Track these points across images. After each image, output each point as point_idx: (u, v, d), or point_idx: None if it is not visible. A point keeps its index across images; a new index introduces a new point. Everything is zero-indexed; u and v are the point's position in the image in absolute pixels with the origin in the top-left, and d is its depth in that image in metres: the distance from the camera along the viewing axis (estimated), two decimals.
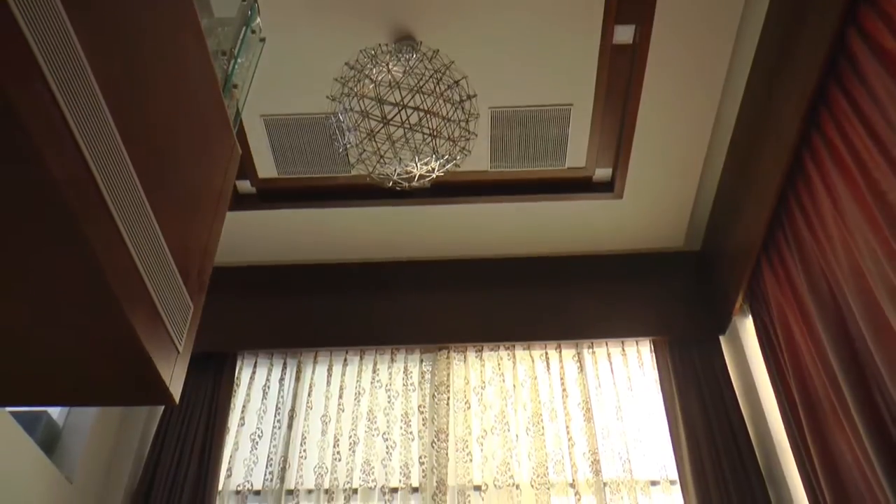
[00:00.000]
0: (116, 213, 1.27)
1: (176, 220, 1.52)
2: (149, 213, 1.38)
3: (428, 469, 3.69)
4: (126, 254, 1.30)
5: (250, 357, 4.13)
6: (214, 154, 1.78)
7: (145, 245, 1.37)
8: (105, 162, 1.23)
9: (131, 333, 1.32)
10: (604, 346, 4.08)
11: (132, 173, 1.33)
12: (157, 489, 3.58)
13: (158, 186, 1.43)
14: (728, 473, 3.50)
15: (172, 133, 1.52)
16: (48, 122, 1.08)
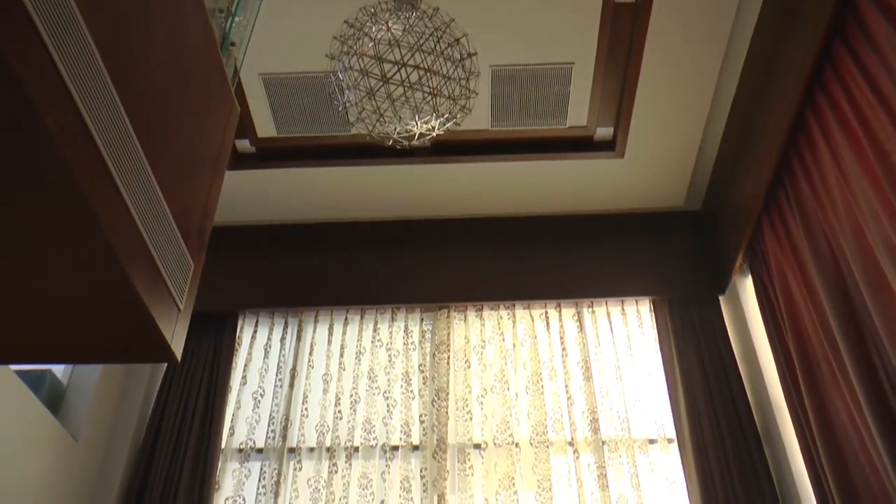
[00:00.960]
0: (115, 172, 1.26)
1: (175, 178, 1.51)
2: (147, 171, 1.38)
3: (428, 427, 3.73)
4: (126, 212, 1.30)
5: (251, 317, 4.15)
6: (213, 112, 1.77)
7: (145, 204, 1.37)
8: (102, 120, 1.23)
9: (132, 292, 1.32)
10: (603, 305, 4.10)
11: (130, 132, 1.32)
12: (161, 447, 3.63)
13: (157, 145, 1.42)
14: (725, 432, 3.54)
15: (170, 91, 1.51)
16: (44, 79, 1.07)
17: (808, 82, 2.90)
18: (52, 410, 3.34)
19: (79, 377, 3.62)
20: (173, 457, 3.60)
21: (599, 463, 3.59)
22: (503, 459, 3.62)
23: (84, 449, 3.49)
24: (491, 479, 3.58)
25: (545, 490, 3.52)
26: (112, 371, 3.77)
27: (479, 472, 3.61)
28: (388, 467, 3.63)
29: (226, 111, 1.86)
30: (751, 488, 3.38)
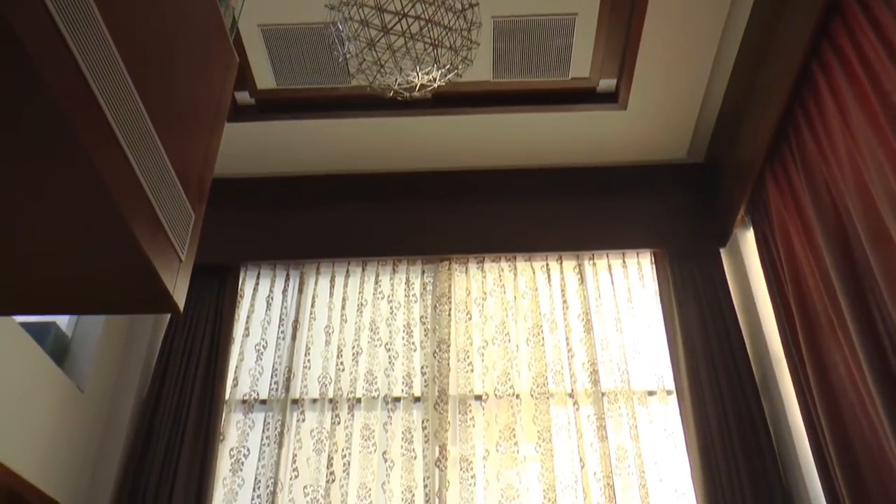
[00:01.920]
0: (114, 123, 1.26)
1: (174, 129, 1.51)
2: (147, 122, 1.37)
3: (429, 379, 3.77)
4: (126, 163, 1.30)
5: (253, 269, 4.16)
6: (211, 63, 1.76)
7: (145, 155, 1.37)
8: (100, 71, 1.22)
9: (134, 242, 1.32)
10: (604, 258, 4.10)
11: (128, 83, 1.31)
12: (166, 398, 3.67)
13: (155, 96, 1.41)
14: (723, 384, 3.57)
15: (168, 42, 1.50)
16: (41, 32, 1.06)
17: (814, 34, 2.86)
18: (58, 362, 3.38)
19: (83, 329, 3.65)
20: (178, 408, 3.64)
21: (599, 414, 3.63)
22: (504, 411, 3.66)
23: (90, 400, 3.54)
24: (492, 431, 3.62)
25: (545, 441, 3.57)
26: (115, 323, 3.79)
27: (480, 424, 3.66)
28: (390, 418, 3.68)
29: (225, 62, 1.85)
30: (748, 440, 3.43)
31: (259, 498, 3.49)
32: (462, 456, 3.56)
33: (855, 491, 2.71)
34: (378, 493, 3.50)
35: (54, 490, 3.22)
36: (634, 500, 3.43)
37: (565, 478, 3.50)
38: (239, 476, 3.58)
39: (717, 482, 3.35)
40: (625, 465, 3.52)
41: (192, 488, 3.44)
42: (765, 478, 3.34)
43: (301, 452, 3.62)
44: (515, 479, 3.49)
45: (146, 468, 3.48)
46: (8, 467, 2.88)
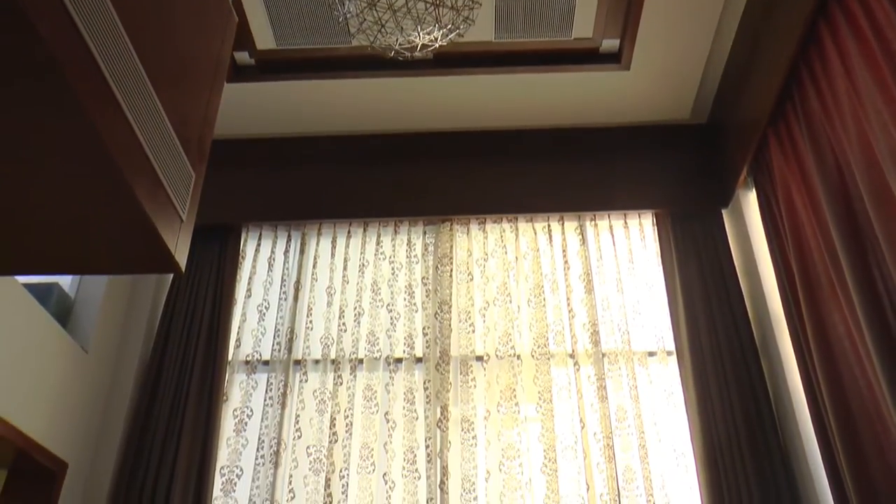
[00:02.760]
0: (113, 82, 1.25)
1: (174, 88, 1.50)
2: (145, 81, 1.36)
3: (431, 340, 3.79)
4: (123, 120, 1.29)
5: (255, 229, 4.16)
6: (210, 22, 1.74)
7: (143, 113, 1.36)
8: (99, 32, 1.21)
9: (134, 201, 1.33)
10: (606, 218, 4.10)
11: (126, 41, 1.30)
12: (169, 359, 3.69)
13: (153, 54, 1.40)
14: (724, 345, 3.59)
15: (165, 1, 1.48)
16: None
17: None
18: (61, 323, 3.39)
19: (86, 290, 3.66)
20: (181, 368, 3.67)
21: (599, 375, 3.65)
22: (505, 371, 3.68)
23: (94, 361, 3.56)
24: (492, 391, 3.65)
25: (545, 401, 3.59)
26: (118, 284, 3.81)
27: (481, 384, 3.68)
28: (392, 379, 3.70)
29: (223, 21, 1.83)
30: (747, 400, 3.45)
31: (263, 458, 3.53)
32: (463, 416, 3.59)
33: (851, 449, 2.73)
34: (380, 454, 3.53)
35: (61, 449, 3.26)
36: (634, 460, 3.47)
37: (565, 438, 3.54)
38: (243, 436, 3.62)
39: (716, 442, 3.38)
40: (624, 426, 3.55)
41: (196, 448, 3.48)
42: (763, 438, 3.37)
43: (304, 413, 3.65)
44: (516, 440, 3.52)
45: (151, 428, 3.52)
46: (15, 427, 2.91)
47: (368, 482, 3.47)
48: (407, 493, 3.43)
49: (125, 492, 3.37)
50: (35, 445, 3.05)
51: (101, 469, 3.50)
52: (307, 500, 3.45)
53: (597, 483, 3.42)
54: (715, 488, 3.29)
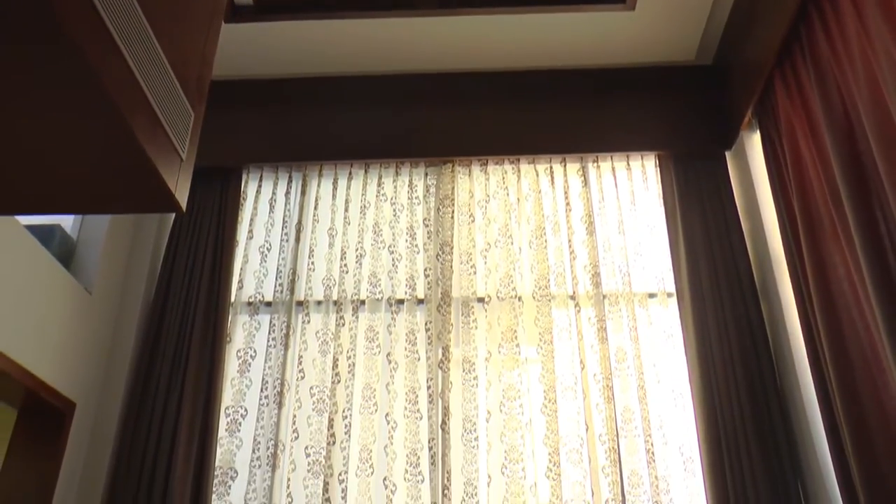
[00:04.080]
0: (108, 20, 1.23)
1: (171, 27, 1.48)
2: (142, 19, 1.35)
3: (433, 281, 3.80)
4: (121, 61, 1.28)
5: (255, 171, 4.15)
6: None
7: (141, 52, 1.34)
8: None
9: (133, 140, 1.32)
10: (608, 160, 4.08)
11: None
12: (172, 301, 3.72)
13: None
14: (724, 287, 3.60)
15: None
16: None
17: None
18: (64, 265, 3.41)
19: (88, 231, 3.66)
20: (184, 310, 3.70)
21: (600, 316, 3.68)
22: (506, 313, 3.71)
23: (98, 302, 3.59)
24: (494, 332, 3.68)
25: (546, 343, 3.62)
26: (120, 226, 3.81)
27: (483, 325, 3.71)
28: (394, 320, 3.73)
29: None
30: (745, 341, 3.48)
31: (267, 398, 3.58)
32: (464, 357, 3.63)
33: (846, 389, 2.76)
34: (382, 394, 3.58)
35: (68, 389, 3.30)
36: (633, 400, 3.51)
37: (565, 379, 3.57)
38: (246, 377, 3.66)
39: (714, 384, 3.42)
40: (624, 367, 3.58)
41: (201, 389, 3.52)
42: (760, 379, 3.40)
43: (307, 354, 3.69)
44: (517, 381, 3.56)
45: (156, 370, 3.56)
46: (23, 367, 2.95)
47: (371, 422, 3.52)
48: (409, 433, 3.48)
49: (132, 430, 3.43)
50: (43, 385, 3.09)
51: (108, 408, 3.56)
52: (310, 439, 3.50)
53: (596, 423, 3.47)
54: (712, 428, 3.34)
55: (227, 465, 3.48)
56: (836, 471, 2.84)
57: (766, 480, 3.19)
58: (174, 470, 3.30)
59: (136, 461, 3.36)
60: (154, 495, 3.27)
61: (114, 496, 3.31)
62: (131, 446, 3.40)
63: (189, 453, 3.38)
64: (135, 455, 3.37)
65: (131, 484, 3.31)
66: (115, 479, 3.35)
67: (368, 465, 3.44)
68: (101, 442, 3.49)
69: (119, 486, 3.32)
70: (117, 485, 3.33)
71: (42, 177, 1.47)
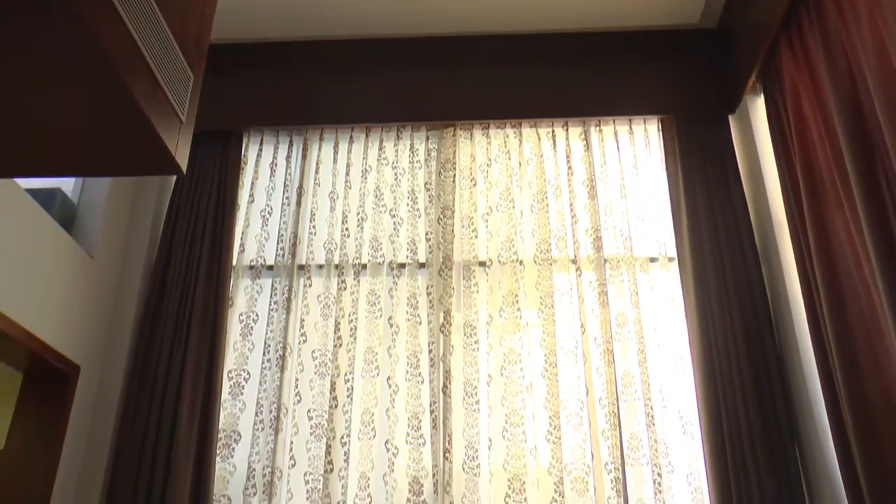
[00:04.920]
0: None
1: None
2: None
3: (434, 245, 3.80)
4: (119, 22, 1.27)
5: (256, 135, 4.13)
6: None
7: (139, 13, 1.33)
8: None
9: (132, 102, 1.31)
10: (611, 124, 4.05)
11: None
12: (174, 264, 3.72)
13: None
14: (725, 251, 3.60)
15: None
16: None
17: None
18: (66, 229, 3.41)
19: (89, 195, 3.66)
20: (186, 273, 3.70)
21: (601, 280, 3.68)
22: (507, 277, 3.71)
23: (100, 266, 3.59)
24: (495, 296, 3.69)
25: (547, 307, 3.64)
26: (121, 190, 3.81)
27: (484, 289, 3.72)
28: (395, 284, 3.74)
29: None
30: (746, 306, 3.48)
31: (269, 362, 3.60)
32: (466, 321, 3.64)
33: (845, 353, 2.77)
34: (384, 358, 3.60)
35: (73, 352, 3.33)
36: (633, 364, 3.53)
37: (566, 343, 3.59)
38: (249, 340, 3.68)
39: (714, 348, 3.44)
40: (624, 331, 3.60)
41: (204, 352, 3.54)
42: (760, 343, 3.42)
43: (308, 317, 3.71)
44: (517, 344, 3.58)
45: (158, 333, 3.58)
46: (27, 330, 2.96)
47: (373, 386, 3.55)
48: (410, 397, 3.51)
49: (136, 394, 3.46)
50: (47, 349, 3.11)
51: (112, 371, 3.58)
52: (313, 402, 3.53)
53: (596, 387, 3.49)
54: (711, 393, 3.36)
55: (230, 428, 3.51)
56: (833, 433, 2.86)
57: (764, 444, 3.22)
58: (178, 432, 3.34)
59: (141, 424, 3.39)
60: (159, 457, 3.31)
61: (119, 458, 3.34)
62: (135, 409, 3.43)
63: (193, 416, 3.41)
64: (139, 418, 3.40)
65: (136, 446, 3.35)
66: (120, 441, 3.39)
67: (370, 428, 3.47)
68: (106, 404, 3.52)
69: (124, 449, 3.35)
70: (122, 447, 3.36)
71: (43, 140, 1.47)
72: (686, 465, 3.36)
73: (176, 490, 3.24)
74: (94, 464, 3.40)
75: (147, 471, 3.29)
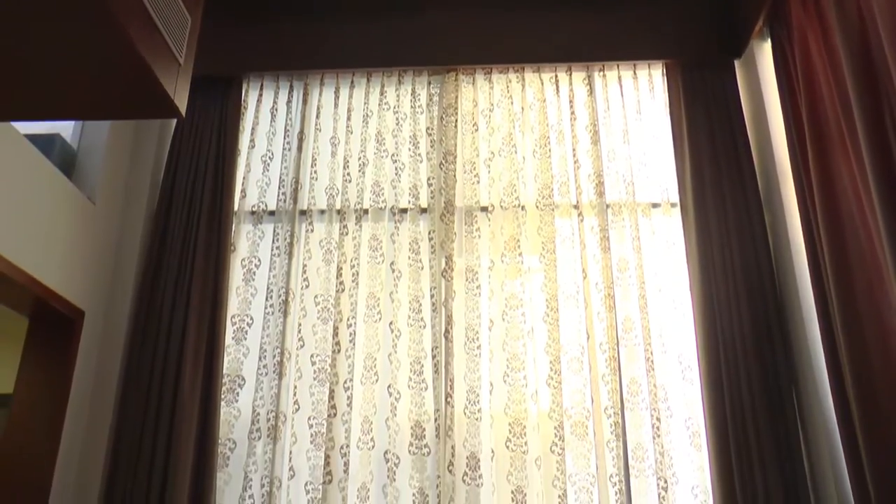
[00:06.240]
0: None
1: None
2: None
3: (436, 190, 3.79)
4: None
5: (256, 80, 4.09)
6: None
7: None
8: None
9: (130, 46, 1.30)
10: (615, 69, 4.00)
11: None
12: (176, 209, 3.72)
13: None
14: (728, 197, 3.59)
15: None
16: None
17: None
18: (66, 175, 3.39)
19: (88, 141, 3.64)
20: (188, 219, 3.70)
21: (603, 226, 3.68)
22: (509, 222, 3.71)
23: (102, 212, 3.59)
24: (497, 241, 3.69)
25: (549, 252, 3.64)
26: (120, 135, 3.78)
27: (486, 235, 3.72)
28: (397, 229, 3.74)
29: None
30: (747, 252, 3.48)
31: (272, 307, 3.61)
32: (467, 266, 3.65)
33: (845, 299, 2.78)
34: (386, 303, 3.62)
35: (77, 298, 3.34)
36: (633, 310, 3.55)
37: (567, 288, 3.60)
38: (251, 286, 3.69)
39: (714, 294, 3.45)
40: (626, 276, 3.60)
41: (207, 297, 3.56)
42: (760, 289, 3.42)
43: (311, 263, 3.71)
44: (519, 290, 3.59)
45: (161, 279, 3.59)
46: (31, 275, 2.97)
47: (375, 331, 3.57)
48: (412, 342, 3.53)
49: (141, 339, 3.48)
50: (52, 294, 3.13)
51: (116, 317, 3.61)
52: (316, 347, 3.56)
53: (597, 332, 3.52)
54: (711, 338, 3.38)
55: (234, 373, 3.55)
56: (831, 379, 2.88)
57: (763, 389, 3.25)
58: (183, 377, 3.37)
59: (146, 368, 3.42)
60: (164, 402, 3.35)
61: (125, 402, 3.39)
62: (140, 354, 3.46)
63: (197, 361, 3.44)
64: (144, 362, 3.44)
65: (142, 390, 3.39)
66: (126, 385, 3.43)
67: (373, 372, 3.50)
68: (112, 349, 3.55)
69: (130, 393, 3.39)
70: (128, 391, 3.40)
71: (41, 83, 1.45)
72: (685, 410, 3.40)
73: (182, 434, 3.29)
74: (100, 408, 3.45)
75: (153, 414, 3.34)
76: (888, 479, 2.57)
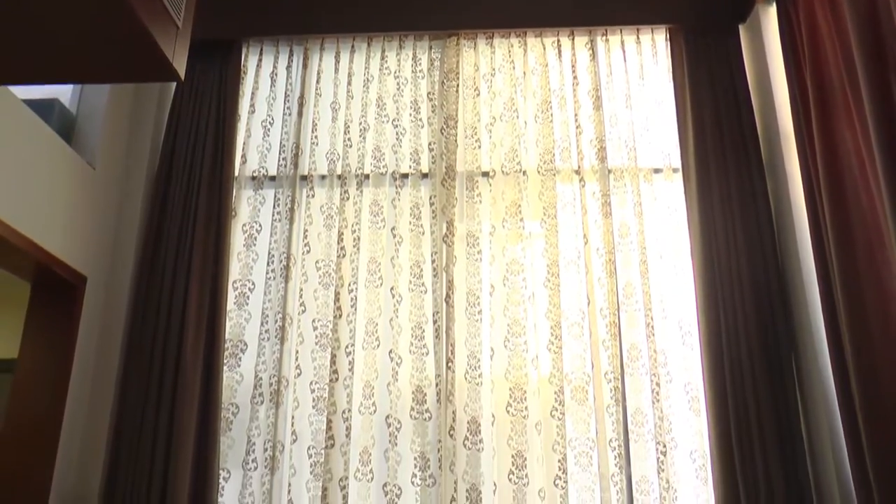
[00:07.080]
0: None
1: None
2: None
3: (437, 155, 3.78)
4: None
5: (255, 44, 4.05)
6: None
7: None
8: None
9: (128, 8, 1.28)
10: (618, 34, 3.96)
11: None
12: (176, 175, 3.71)
13: None
14: (730, 163, 3.58)
15: None
16: None
17: None
18: (65, 140, 3.38)
19: (87, 106, 3.62)
20: (188, 184, 3.69)
21: (604, 191, 3.67)
22: (510, 187, 3.70)
23: (102, 177, 3.58)
24: (498, 207, 3.68)
25: (550, 217, 3.64)
26: (119, 99, 3.76)
27: (487, 200, 3.71)
28: (398, 194, 3.73)
29: None
30: (749, 217, 3.48)
31: (273, 272, 3.62)
32: (469, 231, 3.65)
33: (846, 265, 2.78)
34: (387, 268, 3.62)
35: (79, 263, 3.35)
36: (634, 275, 3.55)
37: (568, 253, 3.60)
38: (253, 251, 3.70)
39: (716, 259, 3.45)
40: (627, 242, 3.60)
41: (208, 262, 3.56)
42: (762, 255, 3.42)
43: (312, 228, 3.71)
44: (520, 255, 3.59)
45: (163, 244, 3.59)
46: (33, 240, 2.98)
47: (376, 296, 3.58)
48: (413, 307, 3.54)
49: (143, 304, 3.49)
50: (54, 259, 3.13)
51: (118, 282, 3.62)
52: (317, 312, 3.57)
53: (597, 297, 3.52)
54: (711, 304, 3.39)
55: (236, 338, 3.56)
56: (830, 345, 2.89)
57: (762, 354, 3.26)
58: (186, 342, 3.39)
59: (149, 333, 3.44)
60: (167, 366, 3.37)
61: (129, 368, 3.41)
62: (143, 319, 3.47)
63: (199, 326, 3.45)
64: (147, 327, 3.45)
65: (145, 355, 3.40)
66: (129, 350, 3.45)
67: (374, 337, 3.52)
68: (114, 314, 3.56)
69: (133, 358, 3.41)
70: (131, 356, 3.42)
71: (39, 46, 1.44)
72: (684, 375, 3.42)
73: (185, 398, 3.31)
74: (104, 373, 3.47)
75: (156, 379, 3.36)
76: (883, 440, 2.59)
